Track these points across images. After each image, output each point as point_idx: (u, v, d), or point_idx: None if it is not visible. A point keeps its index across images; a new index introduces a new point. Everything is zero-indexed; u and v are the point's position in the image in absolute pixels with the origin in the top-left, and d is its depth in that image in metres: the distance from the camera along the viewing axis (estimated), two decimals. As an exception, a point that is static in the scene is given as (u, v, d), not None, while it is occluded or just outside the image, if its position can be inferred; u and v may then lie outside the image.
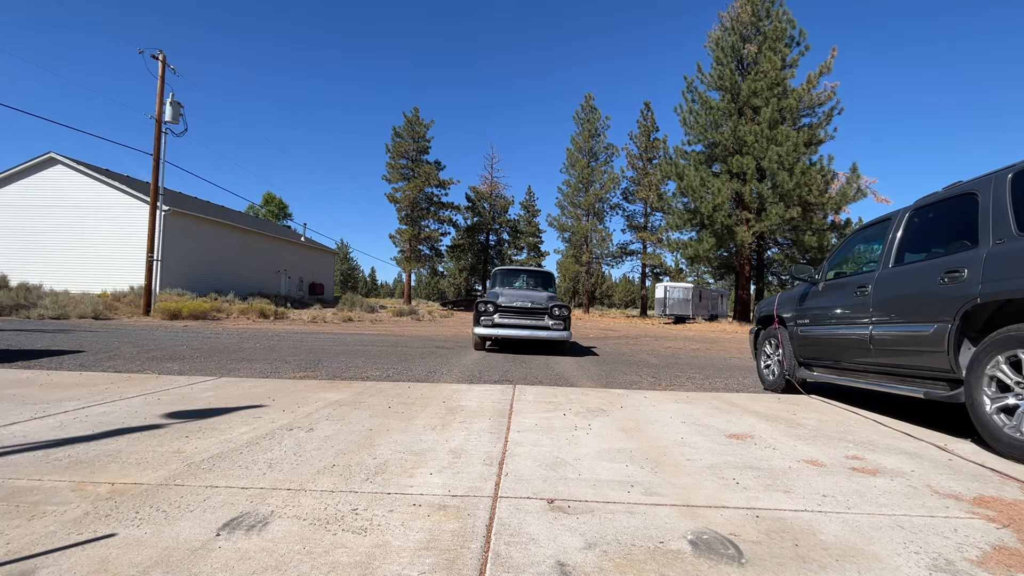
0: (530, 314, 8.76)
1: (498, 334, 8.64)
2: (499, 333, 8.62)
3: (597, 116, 47.42)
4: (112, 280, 22.01)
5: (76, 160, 24.17)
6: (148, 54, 17.70)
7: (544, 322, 8.71)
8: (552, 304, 8.82)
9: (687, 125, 29.34)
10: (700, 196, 26.25)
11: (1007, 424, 2.84)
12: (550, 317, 8.72)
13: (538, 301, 8.89)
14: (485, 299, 8.91)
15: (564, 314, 8.76)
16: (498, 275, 11.13)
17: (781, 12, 26.88)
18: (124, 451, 2.55)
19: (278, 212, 58.37)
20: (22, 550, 1.53)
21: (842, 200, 24.59)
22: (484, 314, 8.70)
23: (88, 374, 5.10)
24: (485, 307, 8.73)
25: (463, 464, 2.51)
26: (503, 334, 8.63)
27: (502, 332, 8.61)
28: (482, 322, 8.66)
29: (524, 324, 8.69)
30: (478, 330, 8.66)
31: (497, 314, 8.67)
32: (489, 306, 8.71)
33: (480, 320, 8.69)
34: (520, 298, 8.94)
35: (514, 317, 8.71)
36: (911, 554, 1.68)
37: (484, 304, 8.77)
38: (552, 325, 8.69)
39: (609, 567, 1.55)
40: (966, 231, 3.35)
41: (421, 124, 49.12)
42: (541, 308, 8.77)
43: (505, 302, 8.74)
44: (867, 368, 4.15)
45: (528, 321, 8.71)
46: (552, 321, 8.70)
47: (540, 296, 9.29)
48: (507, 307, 8.72)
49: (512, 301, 8.77)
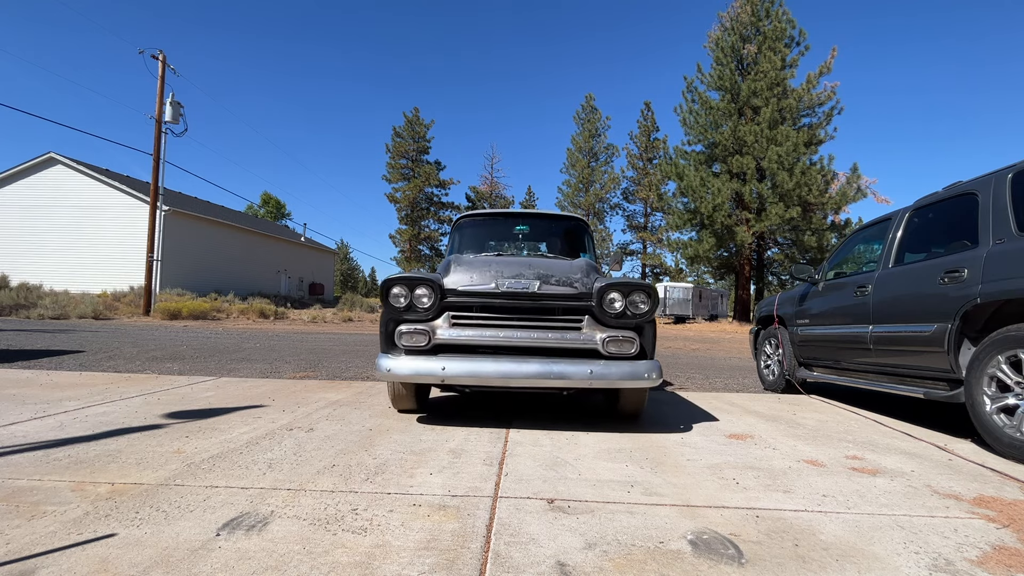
0: (539, 317, 3.21)
1: (455, 373, 2.97)
2: (456, 370, 2.97)
3: (597, 116, 47.42)
4: (112, 280, 22.01)
5: (76, 160, 24.17)
6: (148, 54, 17.72)
7: (582, 337, 3.13)
8: (602, 286, 3.19)
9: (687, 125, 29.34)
10: (700, 196, 26.25)
11: (1007, 424, 2.84)
12: (599, 323, 3.17)
13: (562, 279, 3.28)
14: (414, 277, 3.19)
15: (640, 312, 3.15)
16: (465, 230, 4.91)
17: (781, 12, 26.88)
18: (124, 451, 2.55)
19: (276, 212, 58.37)
20: (22, 550, 1.53)
21: (842, 200, 24.61)
22: (407, 320, 3.17)
23: (88, 374, 5.10)
24: (409, 300, 3.15)
25: (463, 464, 2.50)
26: (468, 372, 2.98)
27: (463, 367, 2.98)
28: (404, 340, 3.11)
29: (523, 344, 3.12)
30: (395, 364, 3.02)
31: (442, 323, 3.17)
32: (422, 296, 3.16)
33: (398, 336, 3.13)
34: (510, 272, 3.31)
35: (495, 324, 3.18)
36: (911, 554, 1.68)
37: (407, 292, 3.16)
38: (607, 345, 3.10)
39: (609, 567, 1.55)
40: (966, 231, 3.35)
41: (421, 124, 49.13)
42: (571, 296, 3.20)
43: (468, 283, 3.24)
44: (867, 368, 4.15)
45: (533, 335, 3.12)
46: (606, 336, 3.10)
47: (562, 268, 3.50)
48: (473, 294, 3.20)
49: (487, 280, 3.23)
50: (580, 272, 3.37)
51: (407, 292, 3.12)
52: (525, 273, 3.24)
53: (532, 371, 2.93)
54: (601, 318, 3.12)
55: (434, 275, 3.26)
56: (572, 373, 2.94)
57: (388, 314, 3.16)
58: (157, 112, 17.72)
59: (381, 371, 2.99)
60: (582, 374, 2.94)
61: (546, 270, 3.30)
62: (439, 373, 2.93)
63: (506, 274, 3.23)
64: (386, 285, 3.13)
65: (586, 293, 3.16)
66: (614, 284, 3.14)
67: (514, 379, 2.92)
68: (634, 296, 3.14)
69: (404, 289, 3.12)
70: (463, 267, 3.38)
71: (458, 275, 3.27)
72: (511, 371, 2.92)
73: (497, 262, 3.50)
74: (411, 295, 3.12)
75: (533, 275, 3.22)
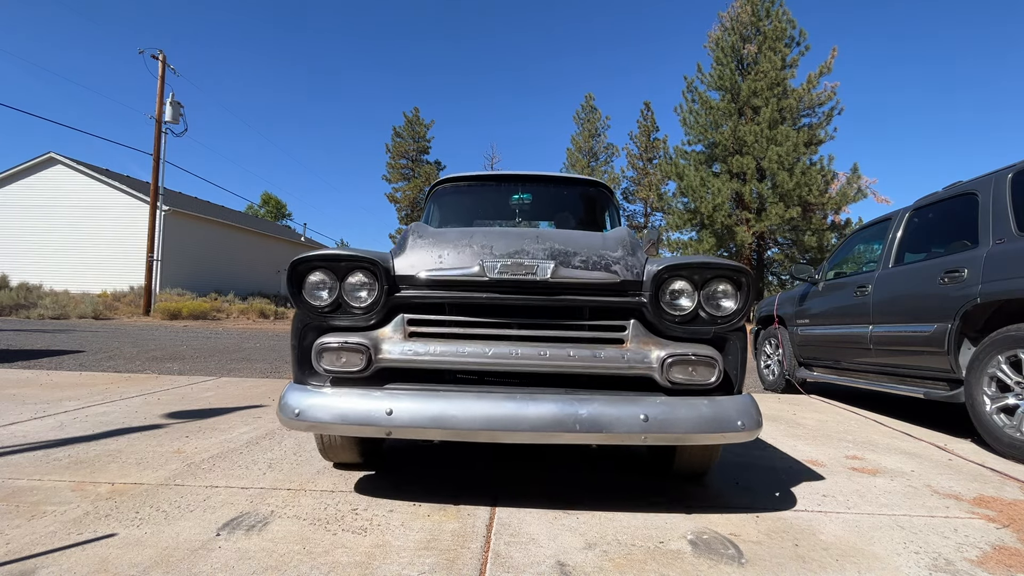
0: (555, 323, 1.90)
1: (411, 419, 1.68)
2: (412, 414, 1.69)
3: (597, 116, 47.39)
4: (112, 280, 22.01)
5: (76, 160, 24.17)
6: (148, 54, 17.72)
7: (626, 355, 1.83)
8: (661, 269, 1.88)
9: (687, 125, 29.34)
10: (700, 196, 26.26)
11: (1007, 424, 2.84)
12: (654, 331, 1.89)
13: (591, 258, 1.94)
14: (344, 256, 1.88)
15: (725, 314, 1.90)
16: (445, 200, 3.60)
17: (781, 12, 26.88)
18: (124, 451, 2.55)
19: (276, 212, 58.40)
20: (22, 550, 1.53)
21: (842, 200, 24.60)
22: (335, 328, 1.90)
23: (88, 374, 5.11)
24: (337, 294, 1.90)
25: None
26: (433, 417, 1.68)
27: (424, 409, 1.70)
28: (327, 361, 1.81)
29: (527, 369, 1.83)
30: (310, 402, 1.76)
31: (392, 333, 1.88)
32: (358, 288, 1.90)
33: (317, 355, 1.83)
34: (506, 246, 1.96)
35: (479, 336, 1.89)
36: (911, 554, 1.68)
37: (333, 281, 1.90)
38: (670, 369, 1.79)
39: (609, 567, 1.55)
40: (966, 231, 3.35)
41: (421, 124, 49.13)
42: (607, 287, 1.90)
43: (435, 266, 1.93)
44: (867, 368, 4.16)
45: (544, 353, 1.82)
46: (668, 354, 1.80)
47: (589, 241, 2.10)
48: (444, 284, 1.90)
49: (467, 261, 1.91)
50: (620, 247, 2.03)
51: (333, 281, 1.89)
52: (530, 249, 1.92)
53: (544, 416, 1.67)
54: (658, 323, 1.86)
55: (379, 254, 1.95)
56: (613, 420, 1.68)
57: (303, 318, 1.91)
58: (157, 112, 17.73)
59: (285, 415, 1.75)
60: (630, 422, 1.67)
61: (564, 244, 1.98)
62: (382, 420, 1.67)
63: (499, 251, 1.92)
64: (298, 270, 1.88)
65: (632, 281, 1.89)
66: (683, 265, 1.88)
67: (514, 430, 1.67)
68: (716, 286, 1.89)
69: (327, 276, 1.88)
70: (428, 241, 2.05)
71: (420, 254, 1.96)
72: (509, 416, 1.67)
73: (484, 233, 2.11)
74: (340, 286, 1.88)
75: (543, 252, 1.91)
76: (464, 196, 3.64)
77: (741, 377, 1.96)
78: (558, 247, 1.97)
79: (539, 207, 3.59)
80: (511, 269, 1.84)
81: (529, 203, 3.56)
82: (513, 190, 3.55)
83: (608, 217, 3.54)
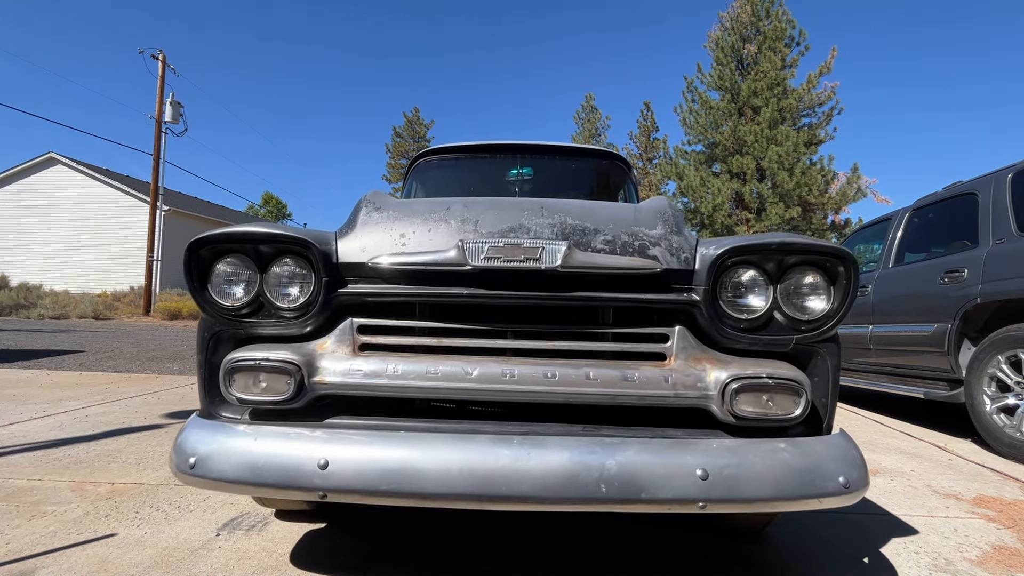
0: (567, 330, 1.35)
1: (355, 477, 1.11)
2: (357, 469, 1.11)
3: (597, 116, 47.37)
4: (112, 280, 22.01)
5: (76, 160, 24.18)
6: (148, 54, 17.73)
7: (670, 377, 1.26)
8: (723, 252, 1.28)
9: (687, 125, 29.35)
10: (700, 196, 26.27)
11: (1007, 424, 2.84)
12: (708, 341, 1.33)
13: (617, 237, 1.36)
14: (266, 235, 1.34)
15: (813, 319, 1.32)
16: (427, 176, 3.07)
17: (781, 12, 26.89)
18: (124, 451, 2.55)
19: (277, 212, 58.42)
20: (22, 550, 1.53)
21: (842, 200, 24.61)
22: (256, 336, 1.37)
23: (88, 374, 5.11)
24: (256, 289, 1.34)
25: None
26: (392, 472, 1.10)
27: (379, 458, 1.12)
28: (239, 387, 1.28)
29: (528, 398, 1.27)
30: (213, 445, 1.20)
31: (334, 345, 1.32)
32: (286, 279, 1.36)
33: (226, 376, 1.28)
34: (499, 221, 1.37)
35: (460, 348, 1.34)
36: (911, 554, 1.68)
37: (252, 270, 1.35)
38: (735, 398, 1.22)
39: (609, 567, 1.54)
40: (966, 231, 3.35)
41: (421, 124, 49.13)
42: (642, 278, 1.32)
43: (396, 250, 1.35)
44: (867, 368, 4.16)
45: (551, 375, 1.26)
46: (731, 377, 1.23)
47: (616, 214, 1.48)
48: (409, 274, 1.32)
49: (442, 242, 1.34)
50: (660, 222, 1.45)
51: (250, 271, 1.36)
52: (531, 225, 1.37)
53: (554, 471, 1.11)
54: (715, 332, 1.31)
55: (317, 233, 1.38)
56: (656, 478, 1.11)
57: (210, 324, 1.39)
58: (157, 112, 17.73)
59: (177, 466, 1.24)
60: (681, 481, 1.11)
61: (581, 217, 1.41)
62: (312, 478, 1.11)
63: (487, 227, 1.37)
64: (200, 255, 1.37)
65: (679, 271, 1.34)
66: (753, 246, 1.31)
67: (508, 495, 1.10)
68: (801, 277, 1.34)
69: (243, 265, 1.36)
70: (387, 215, 1.48)
71: (375, 233, 1.41)
72: (501, 471, 1.10)
73: (468, 203, 1.50)
74: (260, 278, 1.35)
75: (551, 229, 1.36)
76: (451, 171, 3.05)
77: (832, 408, 1.37)
78: (572, 222, 1.38)
79: (542, 184, 2.95)
80: (504, 253, 1.27)
81: (530, 179, 2.95)
82: (511, 164, 2.95)
83: (624, 198, 2.98)
